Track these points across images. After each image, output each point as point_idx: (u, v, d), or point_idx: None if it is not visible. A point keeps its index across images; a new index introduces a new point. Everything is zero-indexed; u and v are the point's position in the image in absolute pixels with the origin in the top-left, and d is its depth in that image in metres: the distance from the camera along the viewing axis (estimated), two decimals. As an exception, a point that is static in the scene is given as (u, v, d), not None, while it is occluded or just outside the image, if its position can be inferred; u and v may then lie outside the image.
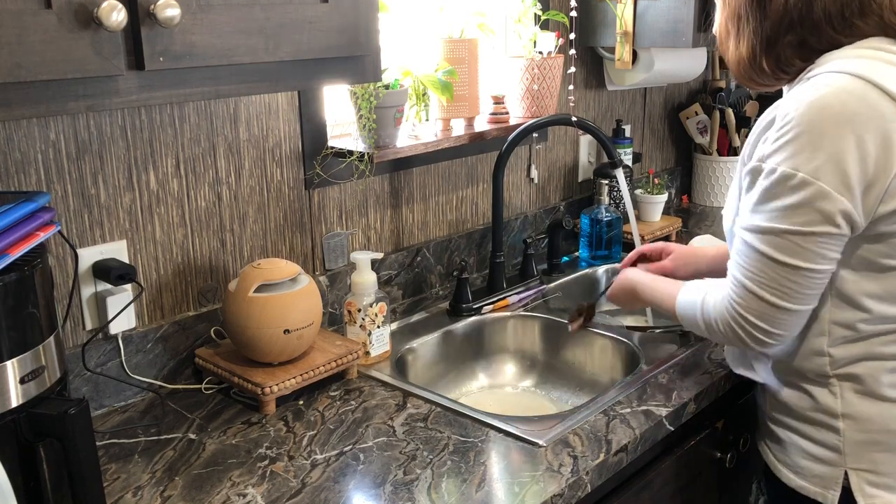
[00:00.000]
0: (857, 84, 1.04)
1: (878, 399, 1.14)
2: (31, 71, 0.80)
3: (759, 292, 1.09)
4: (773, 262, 1.07)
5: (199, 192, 1.42)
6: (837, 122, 1.02)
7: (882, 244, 1.07)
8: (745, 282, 1.11)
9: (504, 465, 1.16)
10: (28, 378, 0.88)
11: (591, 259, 2.03)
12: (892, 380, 1.14)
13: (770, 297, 1.09)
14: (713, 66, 2.61)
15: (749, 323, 1.11)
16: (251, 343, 1.33)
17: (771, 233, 1.07)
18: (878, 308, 1.10)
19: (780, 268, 1.07)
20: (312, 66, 1.08)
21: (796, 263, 1.06)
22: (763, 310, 1.10)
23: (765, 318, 1.10)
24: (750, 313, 1.11)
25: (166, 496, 1.10)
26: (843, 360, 1.15)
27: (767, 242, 1.07)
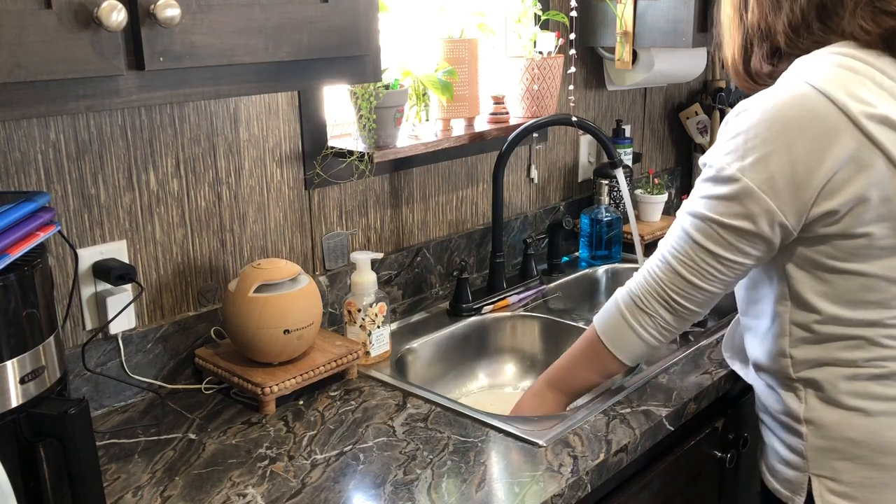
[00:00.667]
0: (802, 89, 1.06)
1: (836, 406, 1.15)
2: (31, 71, 0.80)
3: (679, 269, 1.16)
4: (696, 245, 1.14)
5: (199, 192, 1.42)
6: (771, 126, 1.06)
7: (826, 245, 1.09)
8: (670, 259, 1.18)
9: (504, 465, 1.16)
10: (28, 378, 0.88)
11: (591, 259, 2.04)
12: (850, 387, 1.14)
13: (689, 275, 1.16)
14: (713, 66, 2.61)
15: (671, 297, 1.18)
16: (251, 343, 1.33)
17: (698, 218, 1.13)
18: (829, 309, 1.12)
19: (701, 251, 1.14)
20: (312, 66, 1.08)
21: (715, 251, 1.12)
22: (680, 285, 1.17)
23: (680, 293, 1.17)
24: (671, 289, 1.18)
25: (166, 496, 1.10)
26: (804, 364, 1.17)
27: (695, 227, 1.14)
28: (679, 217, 1.18)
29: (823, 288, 1.12)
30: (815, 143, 1.04)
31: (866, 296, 1.10)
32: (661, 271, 1.19)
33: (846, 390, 1.14)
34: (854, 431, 1.14)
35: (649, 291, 1.20)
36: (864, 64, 1.07)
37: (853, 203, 1.05)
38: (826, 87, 1.05)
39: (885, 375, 1.13)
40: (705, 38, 1.92)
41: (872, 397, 1.13)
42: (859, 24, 1.08)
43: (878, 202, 1.05)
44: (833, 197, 1.05)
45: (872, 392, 1.13)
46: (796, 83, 1.08)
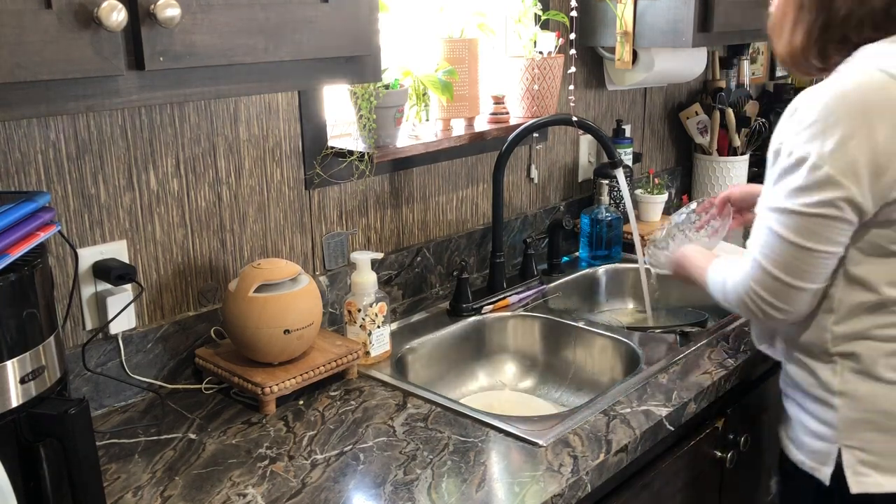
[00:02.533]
0: (878, 76, 1.09)
1: (873, 379, 1.19)
2: (31, 71, 0.80)
3: (771, 270, 1.17)
4: (784, 240, 1.14)
5: (199, 192, 1.42)
6: (850, 112, 1.08)
7: (891, 230, 1.12)
8: (760, 259, 1.18)
9: (504, 465, 1.16)
10: (28, 378, 0.88)
11: (591, 259, 2.03)
12: (890, 362, 1.18)
13: (782, 275, 1.16)
14: (713, 66, 2.61)
15: (762, 299, 1.19)
16: (251, 343, 1.33)
17: (782, 212, 1.14)
18: (886, 290, 1.15)
19: (789, 247, 1.14)
20: (312, 66, 1.08)
21: (803, 244, 1.13)
22: (775, 287, 1.17)
23: (777, 294, 1.18)
24: (764, 290, 1.19)
25: (166, 496, 1.10)
26: (845, 338, 1.20)
27: (779, 222, 1.14)
28: (761, 215, 1.19)
29: (881, 269, 1.15)
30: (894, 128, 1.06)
31: None
32: (754, 275, 1.19)
33: (885, 364, 1.18)
34: (889, 404, 1.18)
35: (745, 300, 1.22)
36: None
37: None
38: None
39: None
40: (705, 38, 1.91)
41: None
42: None
43: None
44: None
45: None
46: (869, 71, 1.10)
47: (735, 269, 1.26)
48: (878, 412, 1.19)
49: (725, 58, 2.66)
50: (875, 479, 1.19)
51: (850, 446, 1.21)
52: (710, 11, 1.88)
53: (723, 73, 2.64)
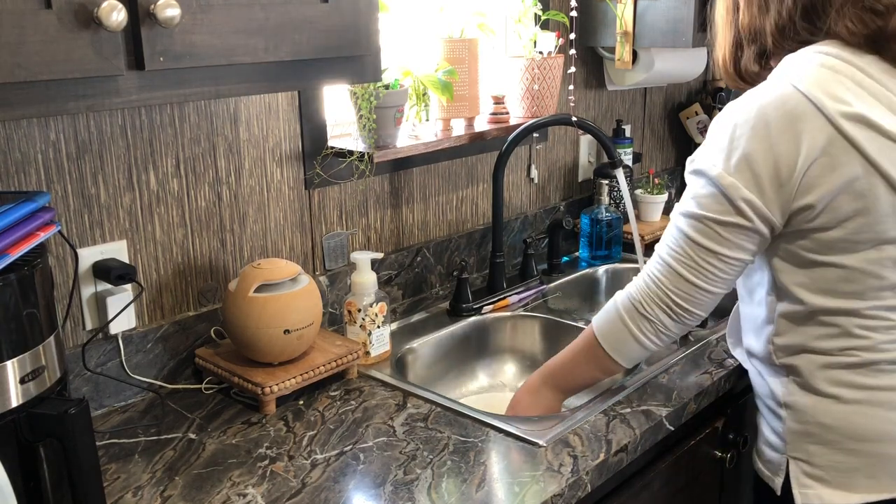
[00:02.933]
0: (787, 91, 1.10)
1: (812, 392, 1.20)
2: (31, 71, 0.80)
3: (680, 270, 1.18)
4: (695, 244, 1.16)
5: (199, 192, 1.42)
6: (755, 127, 1.10)
7: (805, 239, 1.14)
8: (669, 261, 1.19)
9: (504, 465, 1.16)
10: (28, 378, 0.88)
11: (591, 259, 2.03)
12: (825, 375, 1.19)
13: (689, 275, 1.18)
14: (713, 66, 2.60)
15: (672, 301, 1.20)
16: (251, 343, 1.33)
17: (694, 217, 1.16)
18: (809, 299, 1.16)
19: (700, 250, 1.16)
20: (312, 66, 1.08)
21: (713, 248, 1.15)
22: (682, 287, 1.19)
23: (682, 295, 1.19)
24: (673, 293, 1.20)
25: (166, 496, 1.10)
26: (785, 351, 1.22)
27: (691, 226, 1.16)
28: (673, 219, 1.20)
29: (804, 279, 1.16)
30: (794, 140, 1.08)
31: (843, 286, 1.14)
32: (661, 275, 1.20)
33: (822, 377, 1.19)
34: (828, 417, 1.19)
35: (650, 296, 1.22)
36: (846, 63, 1.10)
37: (829, 198, 1.09)
38: (806, 86, 1.09)
39: (858, 364, 1.17)
40: (705, 38, 1.92)
41: (846, 385, 1.18)
42: (845, 24, 1.11)
43: (853, 198, 1.08)
44: (809, 192, 1.09)
45: (846, 380, 1.18)
46: (780, 84, 1.12)
47: (624, 291, 1.27)
48: (818, 425, 1.19)
49: (725, 58, 2.65)
50: (817, 492, 1.20)
51: (796, 458, 1.22)
52: (706, 13, 1.88)
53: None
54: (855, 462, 1.18)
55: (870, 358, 1.16)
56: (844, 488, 1.19)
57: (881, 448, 1.17)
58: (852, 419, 1.18)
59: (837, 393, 1.18)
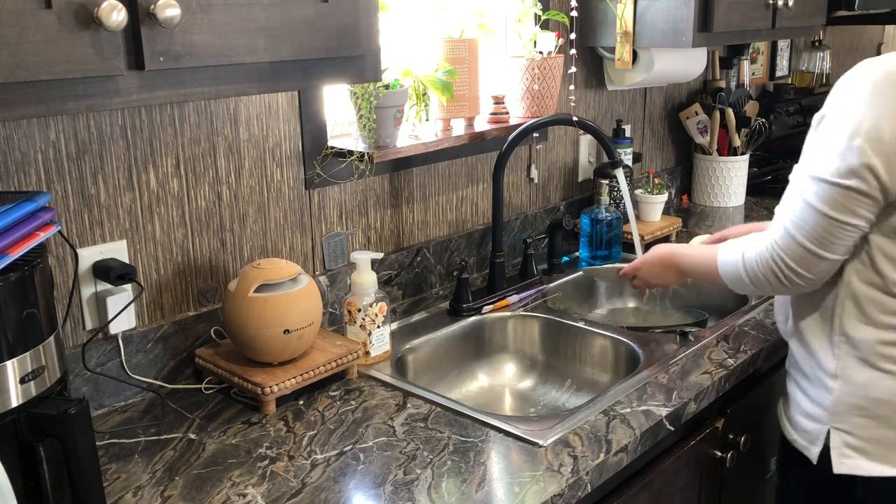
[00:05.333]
0: None
1: (870, 366, 1.23)
2: (31, 71, 0.80)
3: (800, 239, 1.21)
4: (815, 210, 1.18)
5: (199, 192, 1.42)
6: (888, 88, 1.12)
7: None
8: (790, 228, 1.22)
9: (504, 465, 1.16)
10: (28, 378, 0.88)
11: (591, 259, 2.03)
12: (887, 351, 1.22)
13: (809, 244, 1.20)
14: (713, 66, 2.61)
15: (786, 265, 1.23)
16: (251, 343, 1.33)
17: (817, 181, 1.18)
18: (892, 274, 1.20)
19: (820, 217, 1.18)
20: (312, 66, 1.08)
21: (833, 215, 1.17)
22: (799, 254, 1.21)
23: (799, 261, 1.22)
24: (788, 256, 1.23)
25: (166, 496, 1.10)
26: (850, 323, 1.24)
27: (812, 192, 1.19)
28: (794, 179, 1.23)
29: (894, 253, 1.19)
30: None
31: None
32: (781, 241, 1.23)
33: (883, 353, 1.22)
34: (882, 392, 1.22)
35: (769, 264, 1.25)
36: None
37: None
38: None
39: None
40: (705, 38, 1.91)
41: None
42: None
43: None
44: None
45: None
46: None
47: (756, 241, 1.29)
48: (870, 399, 1.23)
49: (725, 58, 2.66)
50: (857, 462, 1.24)
51: (839, 429, 1.26)
52: (710, 11, 1.88)
53: (723, 73, 2.64)
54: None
55: None
56: (885, 461, 1.23)
57: None
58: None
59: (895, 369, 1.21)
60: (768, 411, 1.66)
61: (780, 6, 2.04)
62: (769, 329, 1.60)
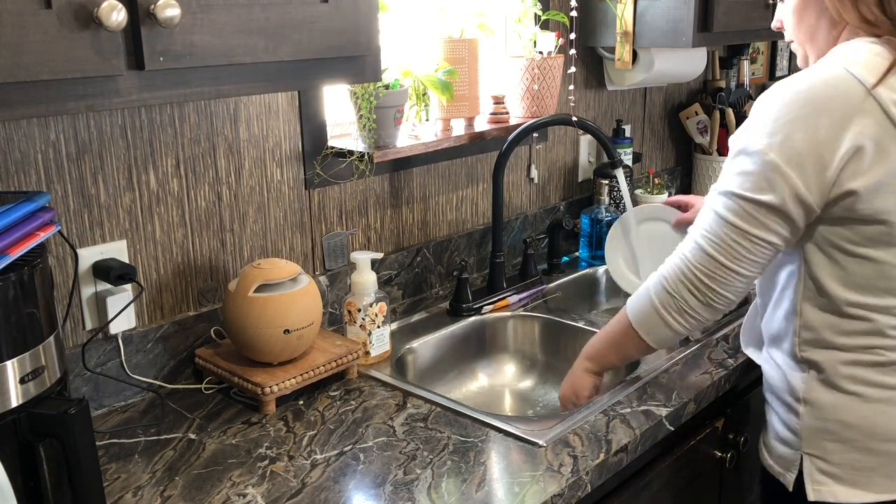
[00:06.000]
0: (840, 73, 1.10)
1: (834, 389, 1.19)
2: (31, 71, 0.80)
3: (710, 251, 1.17)
4: (725, 222, 1.15)
5: (199, 192, 1.42)
6: (803, 106, 1.09)
7: (845, 228, 1.13)
8: (700, 241, 1.18)
9: (504, 465, 1.16)
10: (28, 378, 0.88)
11: (591, 259, 2.03)
12: (850, 372, 1.18)
13: (719, 256, 1.16)
14: (713, 66, 2.61)
15: (697, 279, 1.18)
16: (251, 343, 1.33)
17: (727, 195, 1.15)
18: (841, 293, 1.15)
19: (730, 229, 1.14)
20: (312, 66, 1.08)
21: (743, 227, 1.13)
22: (711, 268, 1.17)
23: (711, 276, 1.17)
24: (699, 270, 1.18)
25: (166, 496, 1.10)
26: (810, 345, 1.21)
27: (724, 205, 1.15)
28: (709, 198, 1.20)
29: (838, 272, 1.15)
30: (841, 122, 1.07)
31: (878, 283, 1.13)
32: (689, 252, 1.19)
33: (846, 374, 1.18)
34: (849, 415, 1.18)
35: (677, 274, 1.20)
36: None
37: (874, 187, 1.08)
38: (859, 71, 1.08)
39: (885, 363, 1.16)
40: (705, 38, 1.91)
41: (870, 384, 1.17)
42: None
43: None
44: (854, 178, 1.08)
45: (871, 379, 1.17)
46: (832, 66, 1.11)
47: (658, 272, 1.25)
48: (838, 422, 1.19)
49: (725, 58, 2.66)
50: (831, 489, 1.20)
51: (811, 454, 1.21)
52: (710, 11, 1.88)
53: (723, 73, 2.64)
54: (873, 461, 1.18)
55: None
56: (860, 486, 1.19)
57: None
58: (874, 419, 1.17)
59: (861, 391, 1.17)
60: (768, 411, 1.66)
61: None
62: (769, 329, 1.60)
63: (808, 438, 1.21)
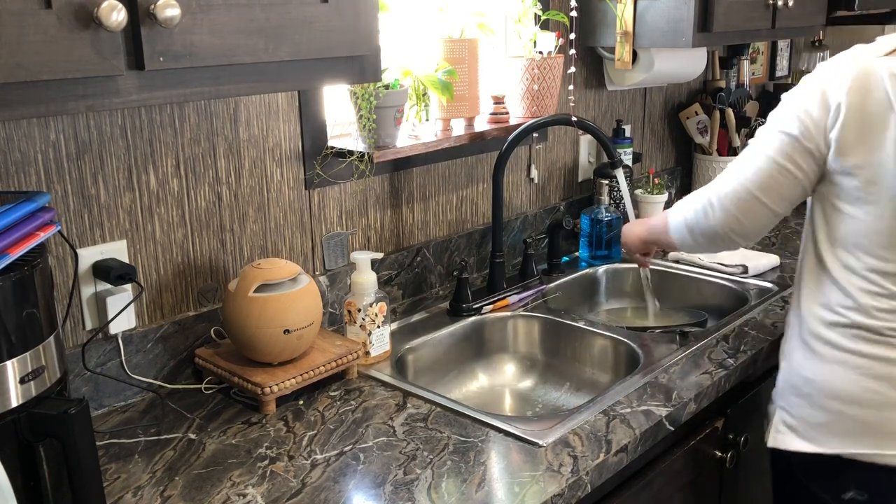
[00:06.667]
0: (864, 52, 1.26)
1: (804, 345, 1.32)
2: (31, 71, 0.80)
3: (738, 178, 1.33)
4: (755, 153, 1.31)
5: (199, 192, 1.42)
6: (833, 70, 1.26)
7: (835, 187, 1.27)
8: (730, 169, 1.35)
9: (504, 465, 1.16)
10: (28, 378, 0.88)
11: (591, 259, 2.03)
12: (815, 329, 1.29)
13: (748, 183, 1.31)
14: (713, 66, 2.61)
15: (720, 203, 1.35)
16: (251, 343, 1.33)
17: (763, 133, 1.32)
18: (822, 250, 1.29)
19: (759, 158, 1.30)
20: (312, 66, 1.08)
21: (771, 155, 1.29)
22: (737, 192, 1.33)
23: (735, 200, 1.33)
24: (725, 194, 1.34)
25: (166, 496, 1.10)
26: (797, 303, 1.35)
27: (758, 140, 1.32)
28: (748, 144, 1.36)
29: (824, 227, 1.28)
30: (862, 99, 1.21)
31: (854, 238, 1.25)
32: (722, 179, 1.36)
33: (812, 332, 1.30)
34: (809, 372, 1.30)
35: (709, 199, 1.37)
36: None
37: (871, 159, 1.21)
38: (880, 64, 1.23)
39: (843, 324, 1.26)
40: (705, 38, 1.91)
41: (828, 343, 1.27)
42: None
43: None
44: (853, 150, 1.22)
45: (829, 338, 1.27)
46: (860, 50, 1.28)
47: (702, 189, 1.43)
48: (800, 378, 1.31)
49: (725, 58, 2.66)
50: (785, 438, 1.32)
51: (781, 406, 1.36)
52: (710, 11, 1.88)
53: (723, 73, 2.64)
54: (824, 418, 1.27)
55: (858, 321, 1.24)
56: (808, 440, 1.31)
57: (848, 409, 1.25)
58: (828, 377, 1.27)
59: (819, 350, 1.28)
60: (768, 411, 1.66)
61: (780, 6, 2.04)
62: (769, 329, 1.60)
63: (780, 392, 1.36)
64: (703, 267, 1.96)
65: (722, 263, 1.93)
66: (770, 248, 2.10)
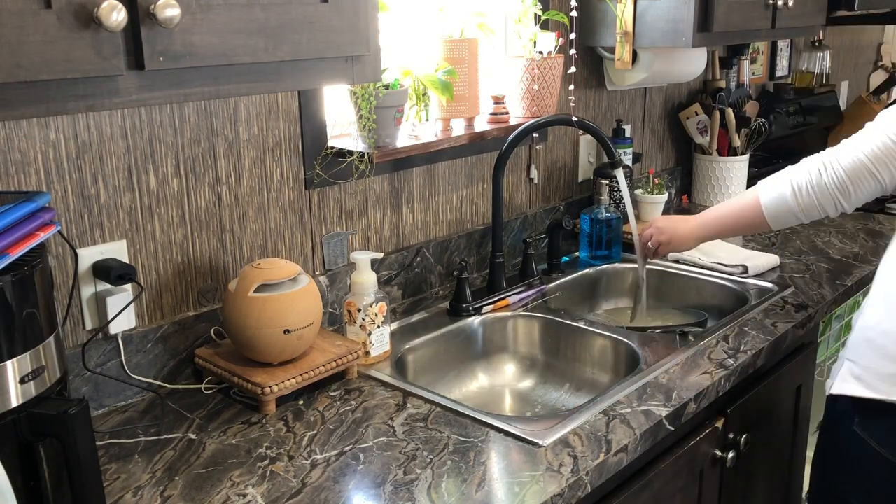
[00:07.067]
0: None
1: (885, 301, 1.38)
2: (31, 71, 0.80)
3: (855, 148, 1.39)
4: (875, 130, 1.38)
5: (199, 192, 1.42)
6: None
7: None
8: (847, 141, 1.41)
9: (504, 465, 1.16)
10: (28, 378, 0.88)
11: (591, 259, 2.03)
12: None
13: (862, 155, 1.38)
14: (713, 66, 2.61)
15: (833, 169, 1.41)
16: (251, 343, 1.33)
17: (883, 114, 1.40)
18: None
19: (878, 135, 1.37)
20: (312, 66, 1.08)
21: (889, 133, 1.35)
22: (852, 160, 1.39)
23: (848, 167, 1.39)
24: (840, 160, 1.40)
25: (166, 496, 1.10)
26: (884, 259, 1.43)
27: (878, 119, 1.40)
28: None
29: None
30: None
31: None
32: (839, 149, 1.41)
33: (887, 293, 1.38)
34: (887, 324, 1.36)
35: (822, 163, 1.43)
36: None
37: None
38: None
39: None
40: (705, 38, 1.91)
41: None
42: None
43: None
44: None
45: None
46: None
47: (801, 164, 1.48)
48: (876, 331, 1.36)
49: (725, 58, 2.66)
50: (850, 386, 1.37)
51: (850, 359, 1.40)
52: (710, 11, 1.88)
53: (723, 73, 2.64)
54: (893, 368, 1.33)
55: None
56: (874, 390, 1.35)
57: None
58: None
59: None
60: (768, 411, 1.66)
61: (780, 6, 2.04)
62: (769, 329, 1.60)
63: (852, 345, 1.41)
64: (703, 267, 1.96)
65: (722, 263, 1.93)
66: (770, 248, 2.11)
